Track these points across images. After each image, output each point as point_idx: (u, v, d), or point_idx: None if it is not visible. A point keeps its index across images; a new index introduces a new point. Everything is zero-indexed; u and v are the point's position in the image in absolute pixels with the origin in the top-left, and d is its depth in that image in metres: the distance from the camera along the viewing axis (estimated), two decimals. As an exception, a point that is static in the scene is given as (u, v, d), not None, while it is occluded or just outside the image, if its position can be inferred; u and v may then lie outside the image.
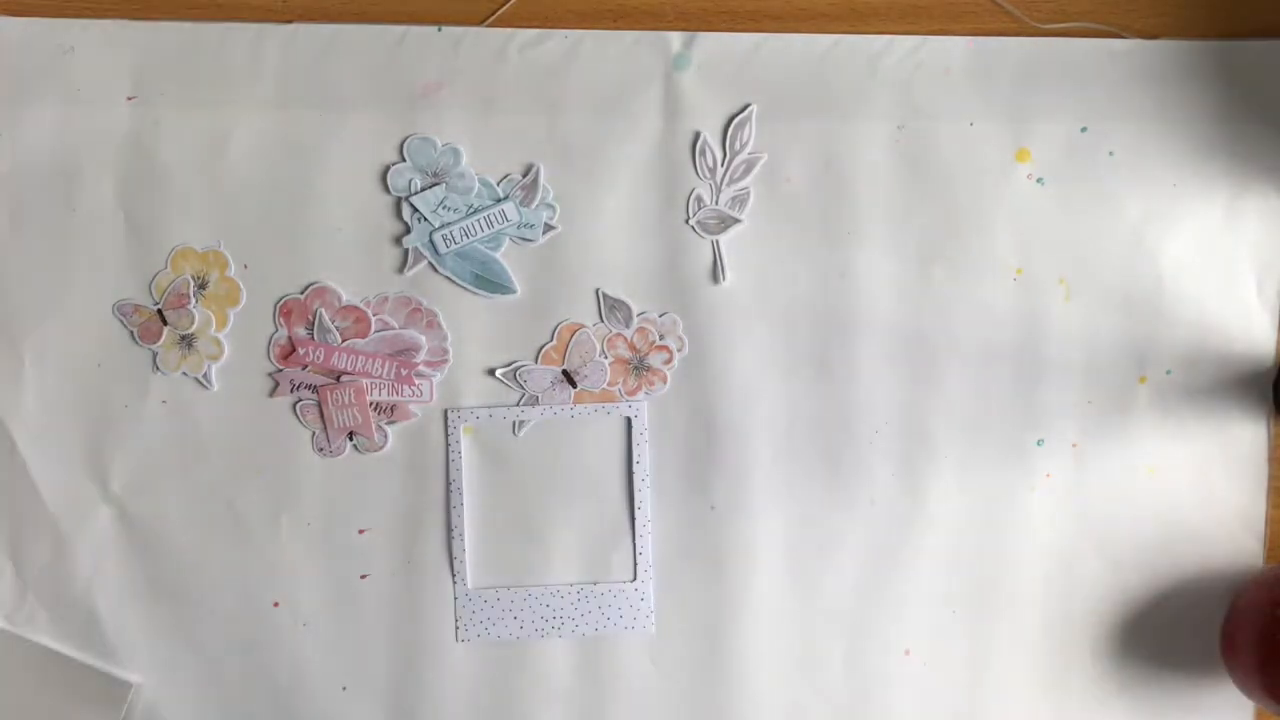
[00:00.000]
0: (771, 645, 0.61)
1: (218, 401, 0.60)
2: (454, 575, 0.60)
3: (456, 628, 0.60)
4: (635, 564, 0.60)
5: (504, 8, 0.59)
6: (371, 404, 0.60)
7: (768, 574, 0.61)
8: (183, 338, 0.60)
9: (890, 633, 0.61)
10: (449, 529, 0.60)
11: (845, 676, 0.61)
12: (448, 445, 0.60)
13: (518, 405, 0.60)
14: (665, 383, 0.60)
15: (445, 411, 0.60)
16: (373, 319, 0.60)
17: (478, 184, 0.59)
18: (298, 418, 0.60)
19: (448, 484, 0.60)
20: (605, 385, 0.60)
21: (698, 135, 0.59)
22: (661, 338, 0.60)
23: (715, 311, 0.60)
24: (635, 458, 0.60)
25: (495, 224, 0.59)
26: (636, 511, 0.60)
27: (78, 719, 0.59)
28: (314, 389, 0.60)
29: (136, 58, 0.59)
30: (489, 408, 0.60)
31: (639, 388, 0.60)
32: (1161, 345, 0.60)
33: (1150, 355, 0.60)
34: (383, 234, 0.60)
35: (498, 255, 0.60)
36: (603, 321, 0.60)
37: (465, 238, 0.59)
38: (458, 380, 0.60)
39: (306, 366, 0.60)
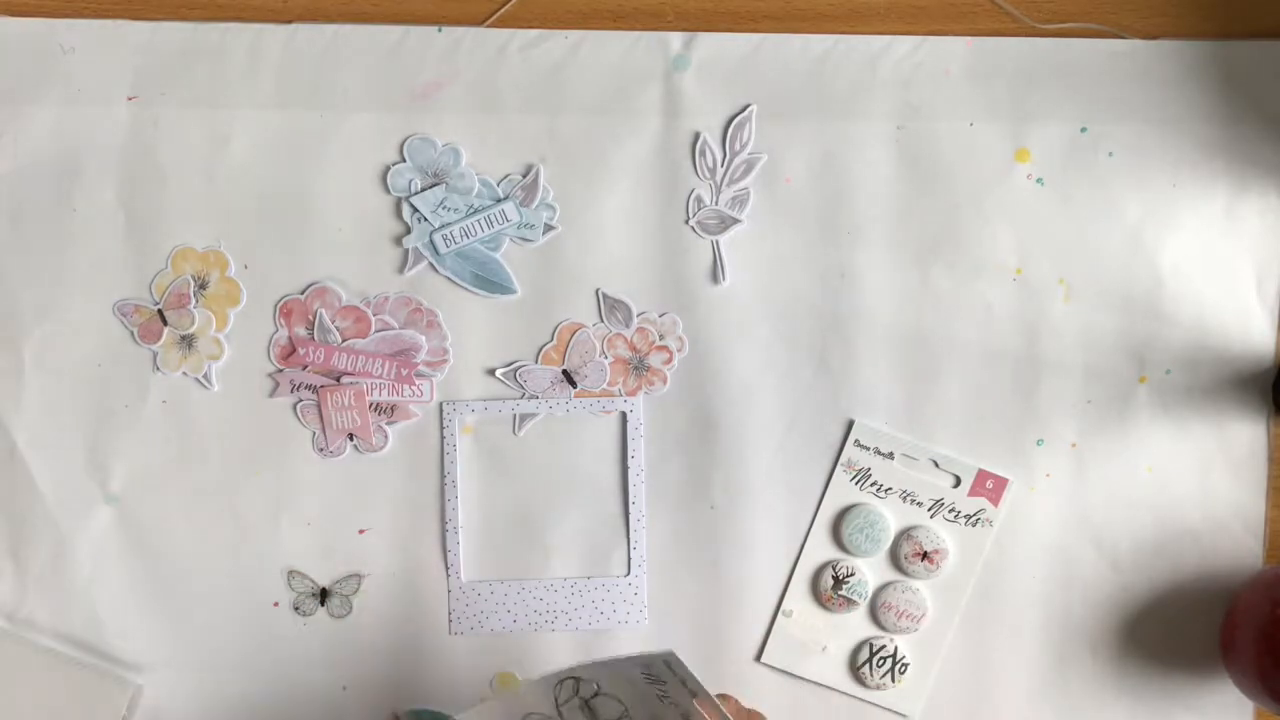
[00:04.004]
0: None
1: (218, 401, 0.60)
2: (448, 569, 0.60)
3: (450, 620, 0.60)
4: (629, 559, 0.60)
5: (504, 8, 0.59)
6: (372, 404, 0.60)
7: (768, 574, 0.61)
8: (183, 338, 0.60)
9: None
10: (443, 523, 0.60)
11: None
12: (442, 439, 0.60)
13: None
14: (665, 383, 0.60)
15: (440, 405, 0.60)
16: (373, 319, 0.60)
17: (478, 184, 0.59)
18: (298, 418, 0.60)
19: (442, 477, 0.60)
20: (605, 385, 0.60)
21: (698, 135, 0.59)
22: (661, 338, 0.60)
23: (715, 311, 0.60)
24: (630, 453, 0.60)
25: (495, 224, 0.59)
26: (631, 507, 0.60)
27: (77, 719, 0.59)
28: (314, 389, 0.60)
29: (136, 58, 0.59)
30: (484, 400, 0.60)
31: (639, 388, 0.60)
32: (1161, 345, 0.60)
33: (1150, 355, 0.60)
34: (383, 234, 0.60)
35: (498, 255, 0.60)
36: (603, 321, 0.60)
37: (465, 238, 0.59)
38: (458, 380, 0.60)
39: (307, 367, 0.60)
